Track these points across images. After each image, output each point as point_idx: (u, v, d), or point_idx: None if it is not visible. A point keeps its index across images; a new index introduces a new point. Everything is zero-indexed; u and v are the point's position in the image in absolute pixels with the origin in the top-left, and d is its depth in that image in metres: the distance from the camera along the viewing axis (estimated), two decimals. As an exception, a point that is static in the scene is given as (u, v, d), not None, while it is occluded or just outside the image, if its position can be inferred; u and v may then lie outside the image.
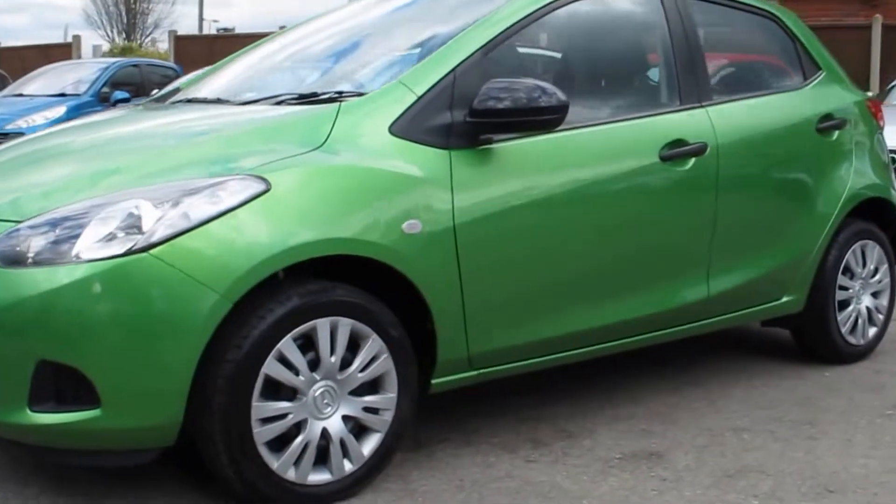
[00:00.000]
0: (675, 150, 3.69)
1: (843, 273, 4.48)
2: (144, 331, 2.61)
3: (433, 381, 3.18)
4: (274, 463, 2.80)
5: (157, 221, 2.64)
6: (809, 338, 4.52)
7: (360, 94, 3.21)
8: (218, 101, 3.66)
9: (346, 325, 2.88)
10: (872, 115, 4.66)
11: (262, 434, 2.76)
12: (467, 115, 3.14)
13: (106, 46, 36.80)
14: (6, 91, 14.09)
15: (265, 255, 2.70)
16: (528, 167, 3.31)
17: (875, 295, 4.65)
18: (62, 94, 12.98)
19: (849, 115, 4.46)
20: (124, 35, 43.35)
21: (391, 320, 2.97)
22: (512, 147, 3.27)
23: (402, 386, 3.02)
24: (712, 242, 3.85)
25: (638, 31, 3.99)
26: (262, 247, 2.71)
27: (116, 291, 2.59)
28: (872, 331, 4.65)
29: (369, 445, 2.99)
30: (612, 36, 3.89)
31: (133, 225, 2.64)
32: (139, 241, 2.62)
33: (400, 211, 2.97)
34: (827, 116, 4.35)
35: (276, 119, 3.17)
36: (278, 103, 3.33)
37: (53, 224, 2.67)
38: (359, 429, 2.98)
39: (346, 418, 2.93)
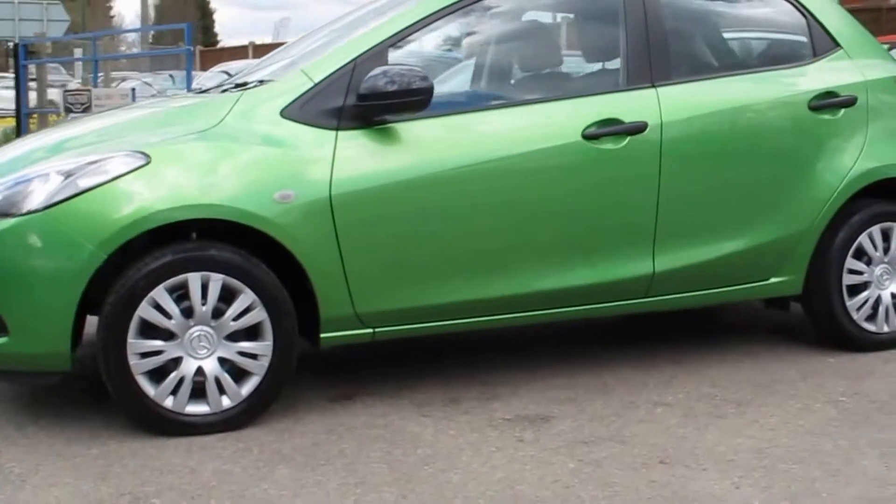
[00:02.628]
0: (604, 129, 3.79)
1: (857, 257, 4.26)
2: (38, 276, 3.26)
3: (322, 336, 3.58)
4: (151, 391, 3.35)
5: (57, 188, 3.29)
6: (815, 322, 4.35)
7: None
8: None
9: (217, 279, 3.36)
10: (912, 91, 4.37)
11: (138, 366, 3.32)
12: (356, 99, 3.52)
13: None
14: None
15: (134, 218, 3.26)
16: (424, 146, 3.60)
17: (904, 281, 4.37)
18: None
19: (862, 93, 4.23)
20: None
21: (266, 276, 3.41)
22: (409, 127, 3.59)
23: (278, 335, 3.45)
24: (657, 220, 3.89)
25: (584, 17, 4.10)
26: (132, 210, 3.27)
27: (20, 243, 3.27)
28: (902, 319, 4.37)
29: (247, 386, 3.45)
30: (548, 21, 4.04)
31: (37, 191, 3.30)
32: (40, 203, 3.27)
33: (272, 182, 3.41)
34: (828, 94, 4.17)
35: (191, 105, 3.73)
36: (223, 91, 3.88)
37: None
38: (238, 371, 3.45)
39: (222, 360, 3.42)
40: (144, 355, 3.33)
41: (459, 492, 2.94)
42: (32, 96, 12.69)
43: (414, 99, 3.46)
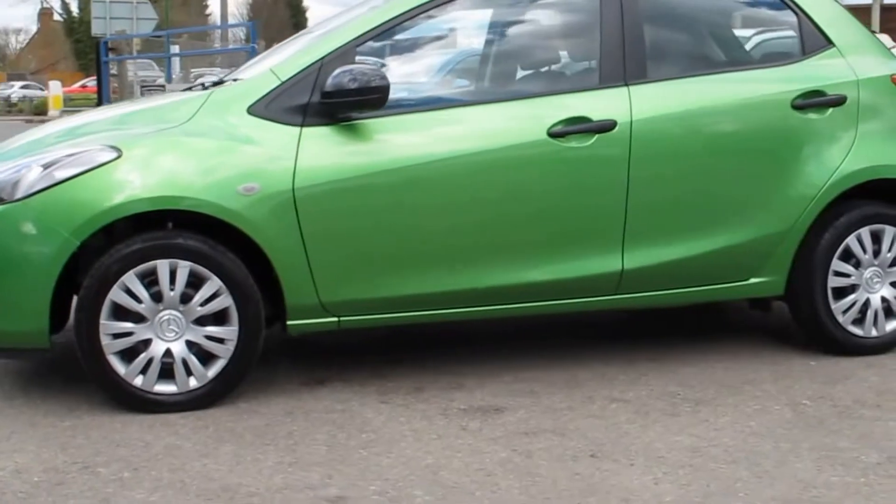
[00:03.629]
0: (571, 127, 3.86)
1: (844, 259, 4.22)
2: (19, 259, 3.52)
3: (289, 323, 3.75)
4: (122, 370, 3.57)
5: (36, 178, 3.54)
6: (800, 324, 4.32)
7: (254, 80, 3.86)
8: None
9: (185, 266, 3.56)
10: (912, 90, 4.29)
11: (110, 346, 3.55)
12: (320, 96, 3.67)
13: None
14: None
15: (103, 208, 3.48)
16: (387, 142, 3.73)
17: (897, 285, 4.31)
18: None
19: (852, 92, 4.18)
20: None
21: (232, 265, 3.59)
22: (374, 124, 3.73)
23: (243, 321, 3.63)
24: (625, 218, 3.93)
25: (560, 16, 4.15)
26: (102, 200, 3.49)
27: (4, 228, 3.53)
28: (893, 324, 4.30)
29: (213, 369, 3.64)
30: (524, 21, 4.11)
31: (23, 180, 3.55)
32: (23, 192, 3.53)
33: (237, 176, 3.59)
34: (814, 93, 4.14)
35: (167, 103, 3.95)
36: (204, 88, 4.08)
37: None
38: (205, 354, 3.64)
39: (190, 343, 3.62)
40: (116, 336, 3.55)
41: (383, 474, 3.06)
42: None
43: (373, 97, 3.60)
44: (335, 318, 3.78)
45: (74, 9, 54.31)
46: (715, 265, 4.09)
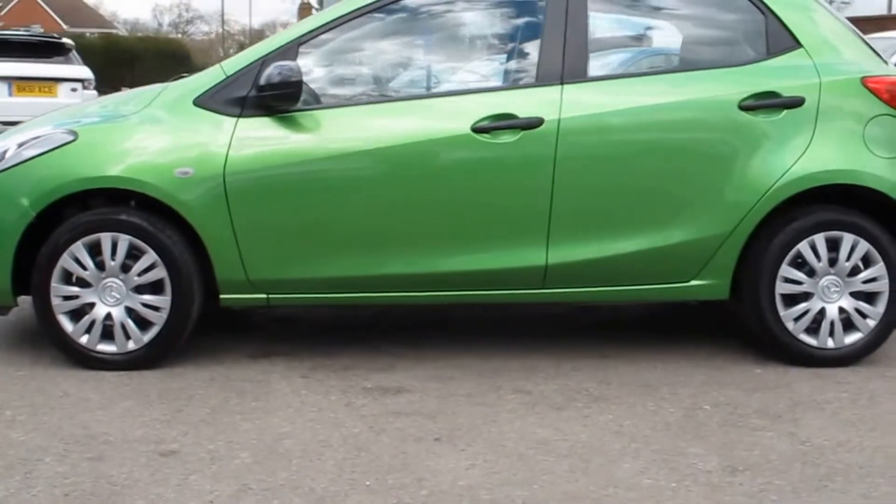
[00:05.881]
0: (496, 123, 3.96)
1: (797, 266, 4.08)
2: (-9, 224, 4.04)
3: (221, 297, 4.08)
4: (69, 328, 4.03)
5: (11, 155, 4.05)
6: (749, 330, 4.21)
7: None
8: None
9: (125, 239, 3.97)
10: (876, 95, 4.07)
11: (59, 306, 4.00)
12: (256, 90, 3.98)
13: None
14: None
15: (54, 184, 3.94)
16: (316, 133, 3.97)
17: (860, 297, 4.11)
18: None
19: (812, 94, 4.03)
20: None
21: (168, 240, 3.96)
22: (307, 116, 3.99)
23: (176, 291, 3.99)
24: (550, 213, 3.99)
25: (503, 15, 4.23)
26: (56, 177, 3.95)
27: (-20, 200, 4.06)
28: (854, 337, 4.12)
29: (149, 334, 4.03)
30: (464, 20, 4.22)
31: (3, 157, 4.08)
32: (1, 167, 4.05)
33: (175, 160, 3.94)
34: (766, 94, 4.02)
35: (133, 92, 4.37)
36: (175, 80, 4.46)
37: None
38: (142, 320, 4.03)
39: (129, 309, 4.02)
40: (65, 298, 4.01)
41: (231, 437, 3.33)
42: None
43: (288, 91, 3.86)
44: (264, 295, 4.07)
45: None
46: (649, 265, 4.06)
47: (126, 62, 32.23)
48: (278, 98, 3.90)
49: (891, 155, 4.05)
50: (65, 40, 12.72)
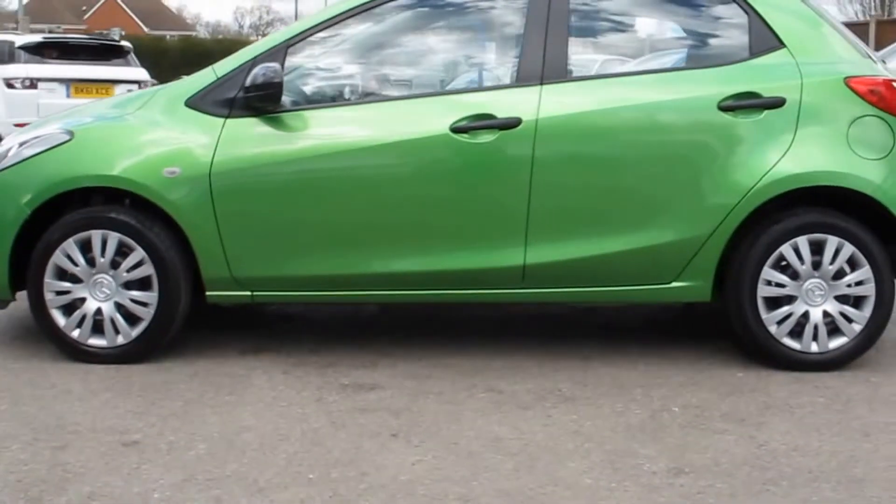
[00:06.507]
0: (474, 123, 3.99)
1: (780, 268, 4.04)
2: (-9, 221, 4.21)
3: (208, 294, 4.19)
4: (62, 322, 4.18)
5: (13, 154, 4.22)
6: (733, 332, 4.17)
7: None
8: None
9: (114, 237, 4.10)
10: (860, 95, 4.00)
11: (52, 301, 4.15)
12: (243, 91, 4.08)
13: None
14: None
15: (49, 183, 4.08)
16: (301, 133, 4.05)
17: (846, 301, 4.04)
18: None
19: (794, 94, 3.98)
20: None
21: (156, 238, 4.08)
22: (291, 117, 4.07)
23: (163, 288, 4.11)
24: (528, 213, 4.01)
25: (486, 16, 4.26)
26: (49, 177, 4.10)
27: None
28: (839, 342, 4.05)
29: (137, 329, 4.15)
30: (446, 22, 4.27)
31: (6, 156, 4.25)
32: (1, 166, 4.22)
33: (163, 159, 4.06)
34: (747, 95, 3.98)
35: (132, 94, 4.49)
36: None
37: None
38: (131, 315, 4.16)
39: (118, 304, 4.15)
40: (58, 293, 4.15)
41: (196, 428, 3.42)
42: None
43: (269, 92, 3.95)
44: (248, 293, 4.17)
45: None
46: (628, 266, 4.05)
47: (203, 62, 32.94)
48: (261, 98, 3.98)
49: (875, 156, 3.97)
50: (123, 43, 13.08)
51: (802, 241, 4.00)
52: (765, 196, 3.95)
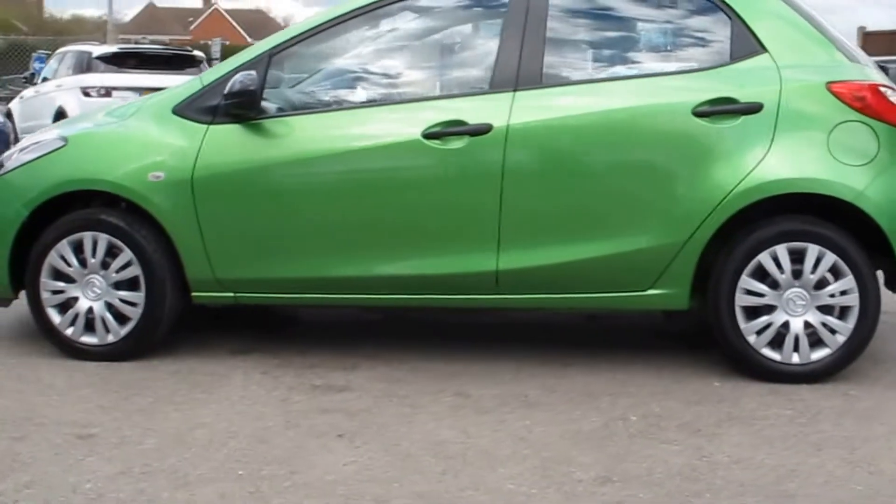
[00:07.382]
0: (447, 129, 4.01)
1: (759, 277, 3.95)
2: (-7, 222, 4.42)
3: (193, 294, 4.31)
4: (57, 320, 4.35)
5: (14, 158, 4.43)
6: (716, 342, 4.09)
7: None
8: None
9: (104, 238, 4.26)
10: (843, 100, 3.88)
11: (48, 300, 4.33)
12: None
13: None
14: None
15: (43, 186, 4.27)
16: (278, 140, 4.13)
17: (829, 311, 3.93)
18: None
19: (772, 100, 3.89)
20: None
21: (143, 240, 4.22)
22: (271, 124, 4.17)
23: (150, 288, 4.25)
24: (500, 219, 4.01)
25: (463, 23, 4.28)
26: (43, 181, 4.29)
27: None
28: (821, 353, 3.94)
29: (126, 328, 4.30)
30: (422, 30, 4.31)
31: (7, 161, 4.47)
32: (2, 171, 4.44)
33: (149, 164, 4.21)
34: (723, 100, 3.91)
35: (128, 103, 4.66)
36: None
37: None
38: (120, 314, 4.31)
39: (108, 304, 4.31)
40: (53, 293, 4.33)
41: (154, 424, 3.52)
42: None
43: (244, 99, 4.05)
44: (231, 294, 4.27)
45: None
46: (602, 273, 4.01)
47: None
48: (239, 106, 4.09)
49: (858, 162, 3.85)
50: (195, 53, 13.47)
51: (781, 250, 3.90)
52: (740, 203, 3.87)
